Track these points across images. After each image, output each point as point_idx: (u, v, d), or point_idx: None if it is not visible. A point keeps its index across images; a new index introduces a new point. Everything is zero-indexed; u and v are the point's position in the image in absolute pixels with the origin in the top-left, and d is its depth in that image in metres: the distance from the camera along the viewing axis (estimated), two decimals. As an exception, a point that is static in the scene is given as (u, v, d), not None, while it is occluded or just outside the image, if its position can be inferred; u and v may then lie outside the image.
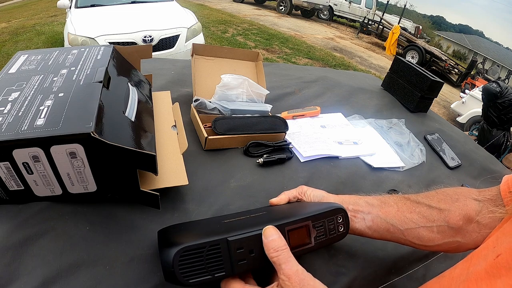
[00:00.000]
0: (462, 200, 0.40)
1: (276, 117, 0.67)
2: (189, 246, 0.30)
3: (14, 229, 0.37)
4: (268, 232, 0.32)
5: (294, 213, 0.39)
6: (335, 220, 0.39)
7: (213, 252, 0.31)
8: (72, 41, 2.72)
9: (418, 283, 0.48)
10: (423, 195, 0.43)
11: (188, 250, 0.30)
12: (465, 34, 21.17)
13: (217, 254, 0.31)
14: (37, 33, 5.04)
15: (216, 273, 0.31)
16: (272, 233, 0.31)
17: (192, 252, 0.30)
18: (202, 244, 0.31)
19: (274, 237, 0.31)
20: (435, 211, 0.40)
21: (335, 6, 10.78)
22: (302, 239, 0.36)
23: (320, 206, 0.40)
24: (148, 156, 0.37)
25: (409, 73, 0.95)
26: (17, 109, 0.35)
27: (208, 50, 0.72)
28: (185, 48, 3.02)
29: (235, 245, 0.32)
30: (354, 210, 0.42)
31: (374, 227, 0.42)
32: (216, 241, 0.31)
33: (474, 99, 4.29)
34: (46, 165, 0.35)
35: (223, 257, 0.31)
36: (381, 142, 0.76)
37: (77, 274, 0.35)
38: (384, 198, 0.44)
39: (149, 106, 0.52)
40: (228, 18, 7.28)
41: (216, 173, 0.54)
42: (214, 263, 0.31)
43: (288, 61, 5.15)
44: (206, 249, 0.31)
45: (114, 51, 0.50)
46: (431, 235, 0.40)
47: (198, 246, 0.31)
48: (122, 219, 0.41)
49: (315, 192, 0.44)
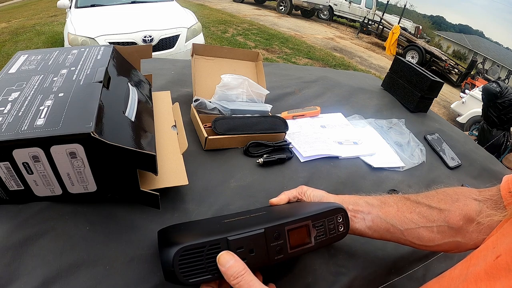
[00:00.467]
0: (462, 200, 0.40)
1: (276, 117, 0.67)
2: (189, 245, 0.30)
3: (14, 229, 0.37)
4: (223, 260, 0.30)
5: (294, 213, 0.39)
6: (335, 219, 0.39)
7: (213, 252, 0.31)
8: (72, 41, 2.72)
9: (418, 283, 0.48)
10: (423, 195, 0.43)
11: (188, 250, 0.30)
12: (465, 34, 21.17)
13: (217, 254, 0.31)
14: (37, 33, 5.04)
15: (216, 273, 0.31)
16: (227, 260, 0.30)
17: (192, 251, 0.30)
18: (202, 243, 0.31)
19: (230, 263, 0.29)
20: (435, 211, 0.40)
21: (335, 6, 10.78)
22: (302, 238, 0.36)
23: (320, 206, 0.40)
24: (148, 156, 0.37)
25: (409, 73, 0.95)
26: (17, 109, 0.35)
27: (208, 50, 0.72)
28: (185, 48, 3.01)
29: (235, 245, 0.32)
30: (354, 210, 0.42)
31: (374, 227, 0.42)
32: (216, 240, 0.31)
33: (474, 99, 4.29)
34: (46, 165, 0.35)
35: None
36: (381, 142, 0.76)
37: (77, 274, 0.35)
38: (384, 198, 0.44)
39: (149, 106, 0.52)
40: (228, 18, 7.28)
41: (216, 173, 0.54)
42: (215, 262, 0.31)
43: (288, 61, 5.15)
44: (206, 249, 0.31)
45: (114, 51, 0.50)
46: (431, 235, 0.40)
47: (198, 245, 0.30)
48: (122, 219, 0.41)
49: (315, 192, 0.44)
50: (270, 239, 0.34)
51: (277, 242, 0.34)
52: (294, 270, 0.43)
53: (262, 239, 0.33)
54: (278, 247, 0.34)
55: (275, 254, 0.34)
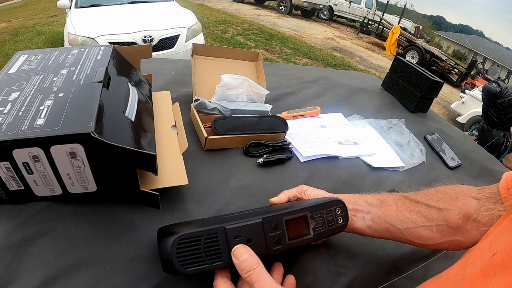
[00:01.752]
0: (461, 199, 0.40)
1: (276, 117, 0.67)
2: (186, 234, 0.30)
3: (14, 229, 0.37)
4: (238, 253, 0.30)
5: (292, 206, 0.39)
6: (333, 211, 0.39)
7: (211, 241, 0.31)
8: (72, 41, 2.72)
9: (418, 283, 0.47)
10: (422, 194, 0.43)
11: (185, 238, 0.30)
12: (465, 34, 21.16)
13: (215, 243, 0.31)
14: (37, 33, 5.03)
15: (214, 262, 0.31)
16: (242, 253, 0.30)
17: (189, 240, 0.30)
18: (199, 232, 0.31)
19: (245, 257, 0.30)
20: (434, 210, 0.40)
21: (335, 6, 10.78)
22: (301, 230, 0.36)
23: (318, 199, 0.40)
24: (148, 156, 0.37)
25: (409, 73, 0.95)
26: (17, 109, 0.35)
27: (208, 50, 0.72)
28: (185, 48, 3.02)
29: (233, 233, 0.32)
30: (354, 209, 0.43)
31: (374, 227, 0.42)
32: (214, 229, 0.31)
33: (474, 99, 4.29)
34: (46, 165, 0.35)
35: (221, 245, 0.31)
36: (381, 142, 0.76)
37: (77, 274, 0.35)
38: (383, 197, 0.44)
39: (149, 106, 0.52)
40: (228, 18, 7.28)
41: (216, 173, 0.54)
42: (212, 251, 0.31)
43: (288, 61, 5.15)
44: (203, 237, 0.31)
45: (114, 51, 0.50)
46: (431, 234, 0.40)
47: (195, 234, 0.31)
48: (122, 219, 0.41)
49: (315, 192, 0.44)
50: (268, 229, 0.34)
51: (275, 233, 0.34)
52: (294, 270, 0.43)
53: (259, 228, 0.33)
54: (277, 237, 0.34)
55: (273, 244, 0.34)
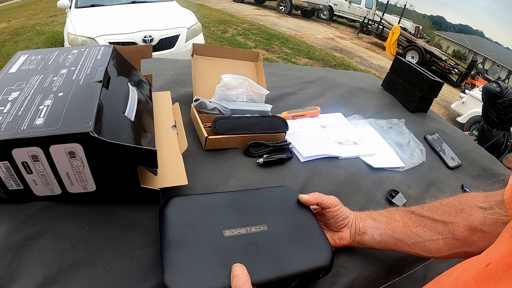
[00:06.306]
0: (466, 210, 0.40)
1: (276, 117, 0.67)
2: None
3: (14, 229, 0.37)
4: (234, 268, 0.34)
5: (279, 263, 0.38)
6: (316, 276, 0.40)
7: None
8: (72, 41, 2.72)
9: (418, 283, 0.48)
10: (427, 208, 0.44)
11: None
12: (465, 34, 21.16)
13: None
14: (37, 33, 5.03)
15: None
16: (237, 270, 0.34)
17: None
18: None
19: (237, 273, 0.34)
20: (439, 224, 0.41)
21: (335, 6, 10.78)
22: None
23: (308, 266, 0.38)
24: (149, 152, 0.37)
25: (409, 73, 0.95)
26: (17, 109, 0.35)
27: (208, 50, 0.72)
28: (185, 48, 3.01)
29: None
30: (363, 227, 0.45)
31: (383, 243, 0.44)
32: None
33: (474, 99, 4.29)
34: (45, 164, 0.35)
35: None
36: (381, 142, 0.76)
37: (77, 274, 0.35)
38: (390, 214, 0.46)
39: (149, 106, 0.52)
40: (228, 18, 7.28)
41: (216, 173, 0.54)
42: None
43: (288, 61, 5.14)
44: None
45: (114, 51, 0.50)
46: (438, 247, 0.41)
47: None
48: (122, 219, 0.41)
49: (343, 213, 0.45)
50: None
51: None
52: (294, 270, 0.43)
53: None
54: None
55: None
